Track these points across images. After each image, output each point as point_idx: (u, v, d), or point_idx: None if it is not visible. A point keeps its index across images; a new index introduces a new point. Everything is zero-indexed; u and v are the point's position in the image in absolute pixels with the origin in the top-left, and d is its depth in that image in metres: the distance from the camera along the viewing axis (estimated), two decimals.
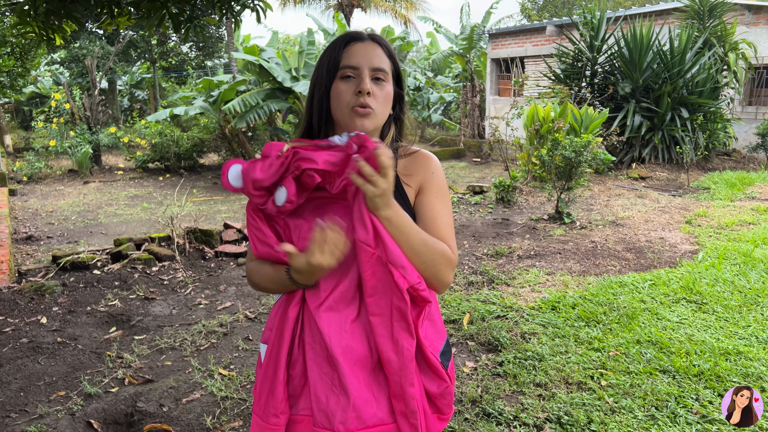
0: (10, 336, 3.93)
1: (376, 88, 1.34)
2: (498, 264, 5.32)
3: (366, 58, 1.34)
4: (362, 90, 1.31)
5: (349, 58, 1.34)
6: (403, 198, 1.40)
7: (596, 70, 11.41)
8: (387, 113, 1.39)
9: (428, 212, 1.40)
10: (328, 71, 1.36)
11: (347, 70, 1.34)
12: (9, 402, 3.10)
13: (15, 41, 7.01)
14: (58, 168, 12.28)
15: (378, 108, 1.34)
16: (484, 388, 3.12)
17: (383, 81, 1.35)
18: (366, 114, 1.32)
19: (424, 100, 14.99)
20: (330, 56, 1.36)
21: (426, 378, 1.35)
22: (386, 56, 1.37)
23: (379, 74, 1.34)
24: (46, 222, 7.89)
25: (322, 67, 1.38)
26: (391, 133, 1.45)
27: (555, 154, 6.93)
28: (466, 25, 16.40)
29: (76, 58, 18.08)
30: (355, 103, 1.32)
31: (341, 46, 1.36)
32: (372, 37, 1.38)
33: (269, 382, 1.32)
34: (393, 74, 1.39)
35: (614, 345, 3.57)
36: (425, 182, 1.42)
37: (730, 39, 11.18)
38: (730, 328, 3.80)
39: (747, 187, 8.86)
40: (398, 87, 1.42)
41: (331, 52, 1.37)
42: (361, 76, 1.33)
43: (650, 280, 4.70)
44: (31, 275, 5.13)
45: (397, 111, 1.44)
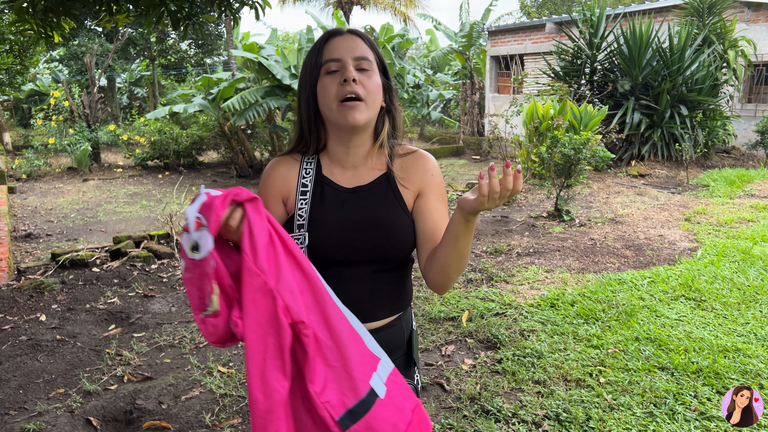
0: (9, 333, 3.93)
1: (363, 76, 1.31)
2: (497, 261, 5.32)
3: (348, 49, 1.32)
4: (347, 78, 1.29)
5: (330, 52, 1.33)
6: (398, 200, 1.38)
7: (595, 67, 11.40)
8: (378, 104, 1.36)
9: (432, 215, 1.39)
10: (311, 71, 1.35)
11: (330, 64, 1.32)
12: (8, 399, 3.10)
13: (14, 39, 7.00)
14: (57, 166, 12.27)
15: (368, 97, 1.31)
16: (483, 386, 3.13)
17: (368, 70, 1.33)
18: (355, 106, 1.29)
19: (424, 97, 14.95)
20: (312, 56, 1.36)
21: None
22: (368, 47, 1.36)
23: (363, 63, 1.32)
24: (46, 220, 7.89)
25: (306, 68, 1.37)
26: (386, 128, 1.41)
27: (554, 151, 6.93)
28: (465, 22, 16.38)
29: (75, 56, 18.07)
30: (342, 94, 1.29)
31: (322, 44, 1.35)
32: (351, 31, 1.37)
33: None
34: (378, 65, 1.37)
35: (613, 342, 3.57)
36: (425, 185, 1.41)
37: (730, 36, 11.17)
38: (729, 325, 3.80)
39: (746, 184, 8.87)
40: (385, 78, 1.39)
41: (312, 52, 1.36)
42: (344, 65, 1.31)
43: (649, 277, 4.70)
44: (30, 273, 5.13)
45: (388, 103, 1.42)
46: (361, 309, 1.32)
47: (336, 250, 1.33)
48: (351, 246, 1.33)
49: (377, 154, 1.42)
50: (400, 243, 1.36)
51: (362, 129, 1.35)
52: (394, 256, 1.37)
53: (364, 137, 1.38)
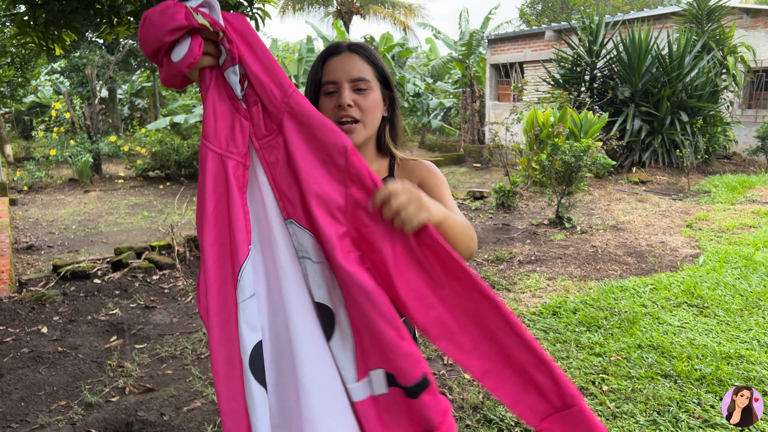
0: (10, 346, 3.93)
1: (359, 97, 1.34)
2: (499, 269, 5.31)
3: (344, 71, 1.35)
4: (341, 104, 1.32)
5: (327, 74, 1.36)
6: None
7: (595, 74, 11.44)
8: (377, 120, 1.40)
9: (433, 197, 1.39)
10: (312, 90, 1.39)
11: (328, 86, 1.35)
12: (10, 412, 3.09)
13: (15, 51, 7.05)
14: (58, 177, 12.30)
15: (365, 117, 1.35)
16: (486, 395, 3.11)
17: (366, 90, 1.36)
18: (350, 129, 1.33)
19: (424, 106, 15.01)
20: (312, 73, 1.39)
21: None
22: (367, 63, 1.38)
23: (360, 84, 1.35)
24: (47, 231, 7.90)
25: (309, 84, 1.41)
26: (387, 136, 1.46)
27: (555, 158, 6.94)
28: (465, 31, 16.44)
29: (76, 68, 18.14)
30: (337, 118, 1.33)
31: (320, 63, 1.38)
32: (350, 47, 1.39)
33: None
34: (379, 78, 1.39)
35: (615, 350, 3.56)
36: (426, 182, 1.41)
37: (729, 42, 11.21)
38: (732, 331, 3.79)
39: (747, 190, 8.86)
40: (388, 89, 1.42)
41: (314, 69, 1.39)
42: (340, 89, 1.34)
43: (651, 284, 4.69)
44: (31, 285, 5.14)
45: (390, 113, 1.46)
46: None
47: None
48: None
49: (379, 160, 1.46)
50: None
51: (361, 145, 1.38)
52: None
53: (366, 148, 1.43)
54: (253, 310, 1.11)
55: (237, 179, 1.11)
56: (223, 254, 1.12)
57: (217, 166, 1.11)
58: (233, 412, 1.11)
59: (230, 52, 1.09)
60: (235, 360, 1.11)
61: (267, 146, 1.15)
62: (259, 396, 1.11)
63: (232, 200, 1.10)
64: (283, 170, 1.15)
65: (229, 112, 1.12)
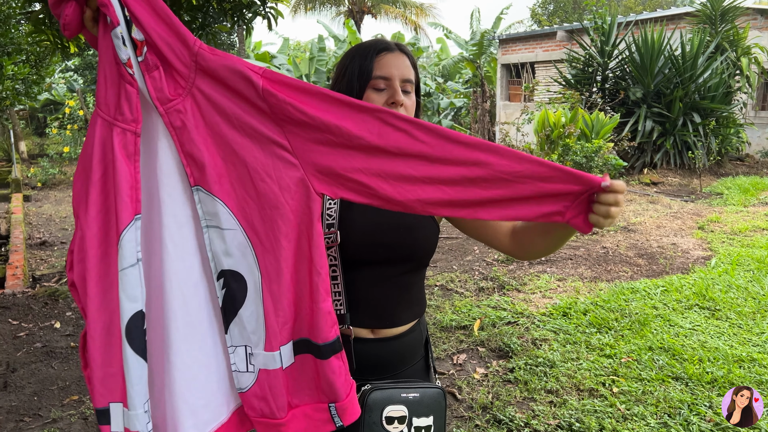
0: (24, 340, 3.97)
1: (406, 98, 1.35)
2: (509, 270, 5.30)
3: (398, 69, 1.34)
4: (396, 102, 1.31)
5: (381, 68, 1.33)
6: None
7: (607, 75, 11.38)
8: None
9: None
10: (359, 80, 1.34)
11: (380, 81, 1.33)
12: (23, 406, 3.13)
13: (30, 49, 7.11)
14: (71, 174, 12.40)
15: None
16: (495, 395, 3.12)
17: (410, 92, 1.36)
18: None
19: (435, 105, 15.01)
20: (361, 65, 1.34)
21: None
22: (412, 67, 1.38)
23: (407, 86, 1.35)
24: (60, 227, 7.97)
25: (353, 75, 1.35)
26: None
27: (566, 159, 6.92)
28: (476, 30, 16.42)
29: (90, 65, 18.28)
30: None
31: (372, 56, 1.34)
32: (399, 47, 1.38)
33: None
34: (416, 83, 1.40)
35: (626, 351, 3.55)
36: None
37: (743, 43, 11.12)
38: (744, 334, 3.76)
39: (760, 192, 8.79)
40: (417, 95, 1.43)
41: (362, 60, 1.35)
42: (393, 87, 1.33)
43: (662, 286, 4.67)
44: (45, 280, 5.19)
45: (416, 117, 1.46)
46: (389, 314, 1.36)
47: (366, 251, 1.33)
48: (380, 245, 1.34)
49: None
50: (424, 244, 1.39)
51: None
52: (420, 256, 1.39)
53: None
54: (133, 279, 1.09)
55: (124, 147, 1.08)
56: (108, 222, 1.10)
57: (105, 133, 1.08)
58: (109, 377, 1.11)
59: (107, 15, 1.04)
60: (114, 327, 1.10)
61: (173, 110, 1.11)
62: (135, 366, 1.09)
63: (118, 168, 1.07)
64: (190, 135, 1.12)
65: (117, 77, 1.08)
